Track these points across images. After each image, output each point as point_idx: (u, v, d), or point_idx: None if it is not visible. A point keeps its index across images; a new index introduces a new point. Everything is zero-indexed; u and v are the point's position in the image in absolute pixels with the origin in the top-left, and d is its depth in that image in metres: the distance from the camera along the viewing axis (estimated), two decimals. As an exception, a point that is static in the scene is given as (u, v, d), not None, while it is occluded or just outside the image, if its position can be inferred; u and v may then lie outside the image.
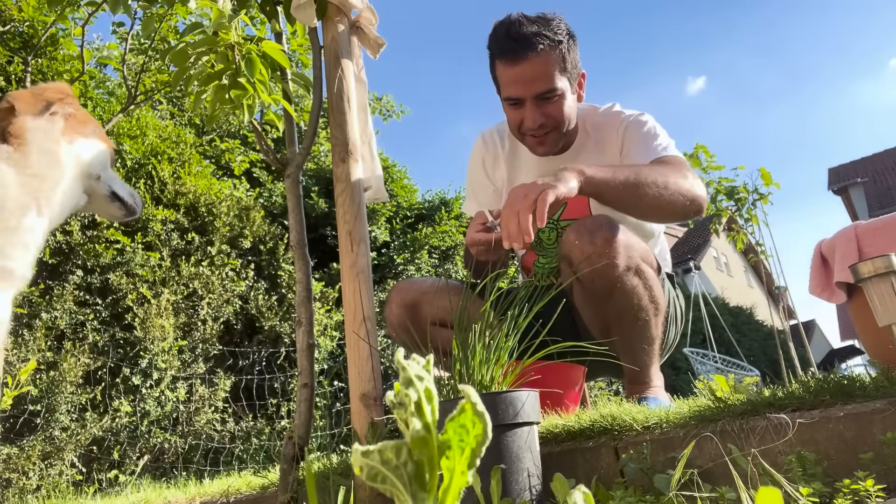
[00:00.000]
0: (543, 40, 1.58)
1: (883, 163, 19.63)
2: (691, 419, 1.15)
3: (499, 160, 1.91)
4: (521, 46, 1.58)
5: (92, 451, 3.70)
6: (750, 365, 7.56)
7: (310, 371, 1.49)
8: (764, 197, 7.31)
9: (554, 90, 1.61)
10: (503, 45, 1.62)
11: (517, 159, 1.89)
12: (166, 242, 4.59)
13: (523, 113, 1.65)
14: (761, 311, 15.38)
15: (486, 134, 1.97)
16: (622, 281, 1.51)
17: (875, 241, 1.56)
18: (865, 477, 0.88)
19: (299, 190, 1.65)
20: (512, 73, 1.62)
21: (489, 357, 1.17)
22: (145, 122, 4.95)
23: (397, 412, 0.41)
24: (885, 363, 1.15)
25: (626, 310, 1.54)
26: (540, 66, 1.59)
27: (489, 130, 1.97)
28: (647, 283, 1.55)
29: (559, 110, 1.65)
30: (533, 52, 1.58)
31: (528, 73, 1.59)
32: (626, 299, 1.53)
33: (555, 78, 1.60)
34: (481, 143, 1.96)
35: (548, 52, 1.59)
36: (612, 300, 1.54)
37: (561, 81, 1.62)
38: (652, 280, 1.57)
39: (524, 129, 1.68)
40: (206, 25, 1.63)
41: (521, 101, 1.64)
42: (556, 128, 1.67)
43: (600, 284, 1.52)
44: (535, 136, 1.68)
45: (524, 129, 1.68)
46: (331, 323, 5.24)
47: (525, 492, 1.02)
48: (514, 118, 1.70)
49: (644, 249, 1.60)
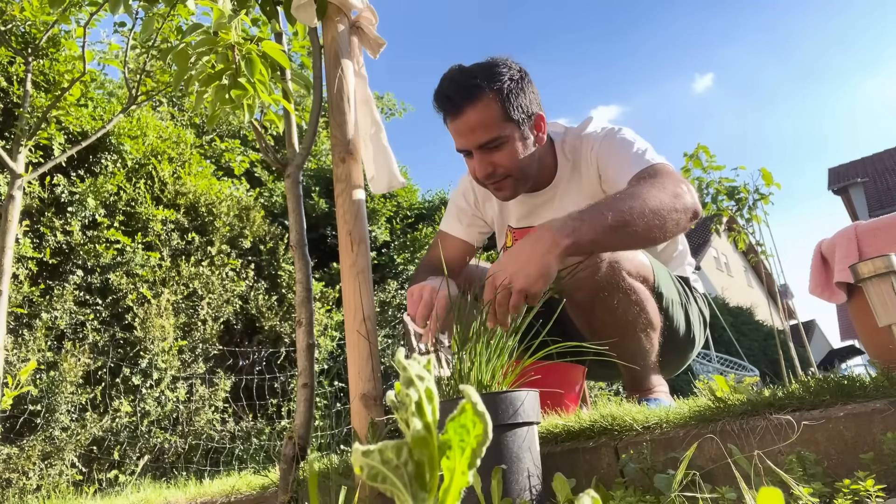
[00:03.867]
0: (478, 91, 1.55)
1: (883, 163, 19.64)
2: (691, 419, 1.15)
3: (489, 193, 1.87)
4: (456, 101, 1.57)
5: (92, 451, 3.70)
6: (750, 365, 7.56)
7: (310, 371, 1.49)
8: (764, 197, 7.31)
9: (496, 138, 1.58)
10: (441, 102, 1.62)
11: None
12: (166, 242, 4.59)
13: (473, 163, 1.64)
14: (761, 311, 15.38)
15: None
16: (603, 296, 1.51)
17: (875, 241, 1.55)
18: (865, 477, 0.88)
19: (299, 190, 1.65)
20: (454, 127, 1.61)
21: (489, 357, 1.17)
22: (146, 122, 4.95)
23: (398, 412, 0.41)
24: (885, 363, 1.15)
25: (609, 324, 1.53)
26: (477, 117, 1.56)
27: None
28: (633, 299, 1.53)
29: (506, 157, 1.60)
30: (468, 105, 1.56)
31: (468, 124, 1.57)
32: (609, 314, 1.52)
33: (496, 126, 1.57)
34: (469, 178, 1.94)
35: (486, 98, 1.56)
36: (595, 313, 1.54)
37: (505, 128, 1.58)
38: (640, 295, 1.54)
39: (477, 178, 1.67)
40: (207, 25, 1.63)
41: (469, 152, 1.63)
42: (507, 175, 1.63)
43: (580, 297, 1.51)
44: (492, 184, 1.66)
45: (477, 178, 1.67)
46: (331, 323, 5.24)
47: (525, 492, 1.02)
48: (469, 169, 1.69)
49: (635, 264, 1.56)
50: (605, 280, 1.49)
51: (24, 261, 3.78)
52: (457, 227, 1.94)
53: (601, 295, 1.51)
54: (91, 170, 4.48)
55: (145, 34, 3.12)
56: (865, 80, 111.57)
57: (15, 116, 3.86)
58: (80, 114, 4.34)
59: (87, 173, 4.44)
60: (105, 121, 4.31)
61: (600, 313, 1.54)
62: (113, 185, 4.43)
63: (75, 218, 4.12)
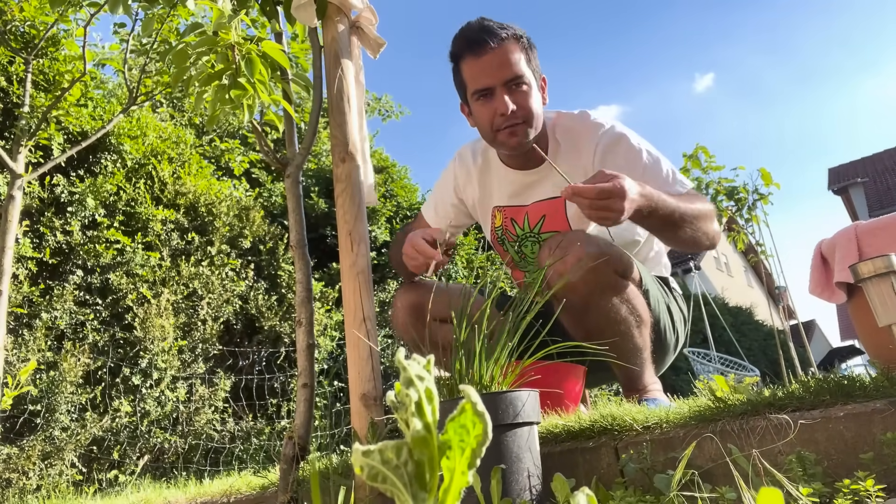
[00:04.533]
0: (506, 32, 1.65)
1: (883, 163, 19.63)
2: (691, 419, 1.15)
3: (471, 176, 1.94)
4: (485, 38, 1.64)
5: (92, 451, 3.70)
6: (750, 365, 7.56)
7: (310, 371, 1.49)
8: (764, 197, 7.31)
9: (522, 76, 1.65)
10: (469, 39, 1.67)
11: (489, 175, 1.91)
12: (166, 242, 4.59)
13: (494, 104, 1.65)
14: (761, 311, 15.38)
15: (461, 150, 2.00)
16: (596, 298, 1.52)
17: (875, 241, 1.55)
18: (865, 477, 0.88)
19: (299, 190, 1.65)
20: (479, 64, 1.66)
21: (489, 357, 1.17)
22: (145, 122, 4.95)
23: (398, 412, 0.41)
24: (885, 363, 1.15)
25: (604, 325, 1.54)
26: (506, 54, 1.65)
27: (465, 147, 1.99)
28: (624, 297, 1.56)
29: (527, 100, 1.67)
30: (497, 42, 1.64)
31: (496, 61, 1.64)
32: (602, 315, 1.54)
33: (521, 65, 1.65)
34: (457, 159, 1.99)
35: (512, 42, 1.65)
36: (589, 316, 1.55)
37: (527, 72, 1.67)
38: (630, 293, 1.57)
39: (497, 120, 1.66)
40: (207, 26, 1.63)
41: (491, 90, 1.65)
42: (524, 119, 1.68)
43: (573, 301, 1.52)
44: (509, 126, 1.67)
45: (497, 120, 1.66)
46: (331, 323, 5.24)
47: (525, 492, 1.02)
48: (485, 113, 1.68)
49: (622, 263, 1.59)
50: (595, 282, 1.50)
51: (23, 261, 3.78)
52: (430, 215, 2.04)
53: (595, 294, 1.52)
54: (91, 170, 4.47)
55: (145, 34, 3.12)
56: (866, 79, 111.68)
57: (15, 116, 3.85)
58: (80, 114, 4.34)
59: (86, 173, 4.44)
60: (105, 121, 4.31)
61: (594, 314, 1.54)
62: (113, 185, 4.43)
63: (75, 218, 4.11)
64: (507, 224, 1.88)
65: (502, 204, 1.89)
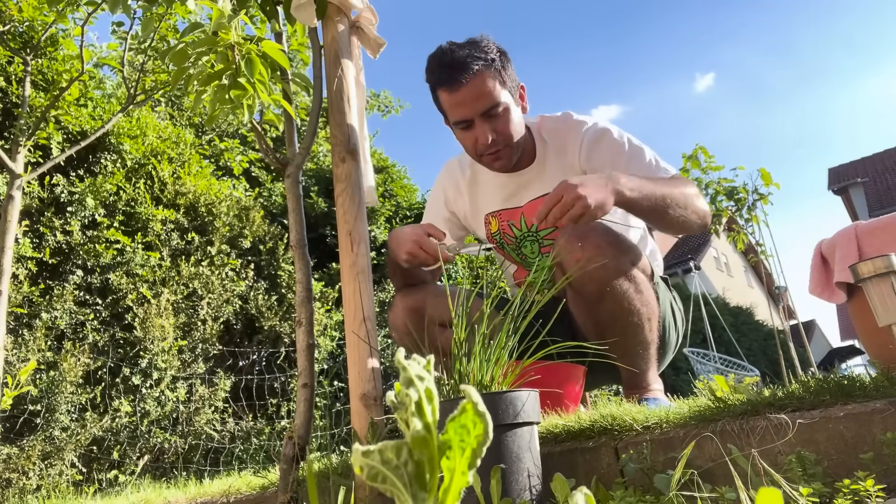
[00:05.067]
0: (477, 61, 1.65)
1: (883, 163, 19.64)
2: (691, 419, 1.15)
3: (460, 188, 1.96)
4: (457, 71, 1.64)
5: (92, 451, 3.70)
6: (750, 365, 7.56)
7: (310, 371, 1.49)
8: (764, 197, 7.30)
9: (498, 104, 1.66)
10: (440, 74, 1.68)
11: (477, 185, 1.94)
12: (166, 242, 4.59)
13: (475, 133, 1.70)
14: (761, 311, 15.38)
15: (449, 164, 2.02)
16: (612, 286, 1.53)
17: (875, 241, 1.55)
18: (865, 477, 0.88)
19: (299, 190, 1.65)
20: (455, 98, 1.67)
21: (489, 357, 1.17)
22: (145, 122, 4.95)
23: (398, 412, 0.41)
24: (885, 363, 1.15)
25: (618, 315, 1.55)
26: (480, 86, 1.65)
27: (453, 160, 2.02)
28: (639, 288, 1.57)
29: (506, 124, 1.70)
30: (469, 74, 1.64)
31: (470, 94, 1.65)
32: (618, 304, 1.54)
33: (496, 93, 1.66)
34: (445, 173, 2.01)
35: (483, 70, 1.65)
36: (604, 305, 1.55)
37: (503, 95, 1.68)
38: (643, 285, 1.59)
39: (479, 148, 1.72)
40: (206, 25, 1.63)
41: (470, 121, 1.69)
42: (507, 144, 1.72)
43: (591, 289, 1.53)
44: (491, 153, 1.72)
45: (479, 148, 1.72)
46: (331, 323, 5.24)
47: (525, 492, 1.02)
48: (467, 141, 1.74)
49: (636, 254, 1.62)
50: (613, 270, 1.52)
51: (23, 261, 3.78)
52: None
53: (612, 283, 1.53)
54: (90, 170, 4.47)
55: (145, 33, 3.12)
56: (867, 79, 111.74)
57: (14, 116, 3.85)
58: (80, 113, 4.34)
59: (86, 173, 4.44)
60: (104, 120, 4.31)
61: (609, 303, 1.55)
62: (112, 184, 4.42)
63: (75, 218, 4.11)
64: (503, 227, 1.89)
65: (496, 209, 1.90)
